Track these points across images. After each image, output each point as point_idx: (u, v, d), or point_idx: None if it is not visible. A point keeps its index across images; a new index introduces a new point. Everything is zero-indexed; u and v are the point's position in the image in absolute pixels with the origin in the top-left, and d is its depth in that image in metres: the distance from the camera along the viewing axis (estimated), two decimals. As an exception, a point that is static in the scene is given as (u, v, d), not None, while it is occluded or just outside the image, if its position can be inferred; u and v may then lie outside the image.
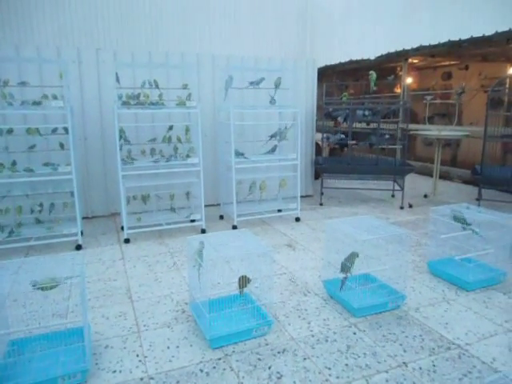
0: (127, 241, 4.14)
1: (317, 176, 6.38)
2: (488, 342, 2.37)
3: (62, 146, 3.98)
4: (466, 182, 7.22)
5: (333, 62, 10.01)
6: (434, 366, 2.16)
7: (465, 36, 6.75)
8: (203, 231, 4.42)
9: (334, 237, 2.91)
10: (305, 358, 2.23)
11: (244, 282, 2.55)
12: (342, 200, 5.97)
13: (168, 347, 2.33)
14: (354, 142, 5.72)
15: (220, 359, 2.22)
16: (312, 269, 3.46)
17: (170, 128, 4.47)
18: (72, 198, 3.99)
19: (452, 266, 3.23)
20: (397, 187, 5.81)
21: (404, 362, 2.19)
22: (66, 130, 3.84)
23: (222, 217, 5.05)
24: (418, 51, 7.91)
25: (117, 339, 2.42)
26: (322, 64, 9.71)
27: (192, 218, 4.52)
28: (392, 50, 8.35)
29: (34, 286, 1.97)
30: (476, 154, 6.63)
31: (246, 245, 2.53)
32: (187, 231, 4.47)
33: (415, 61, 9.27)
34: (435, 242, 3.42)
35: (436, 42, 7.29)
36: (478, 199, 5.28)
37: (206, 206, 4.51)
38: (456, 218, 3.22)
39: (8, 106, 3.71)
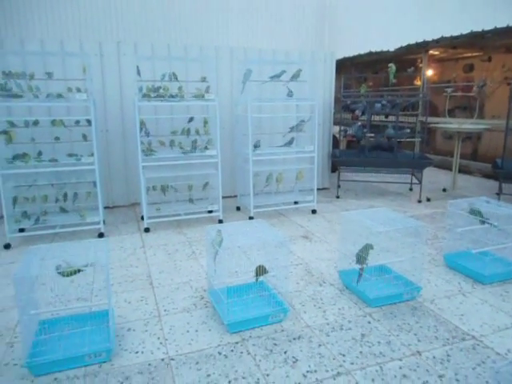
0: (147, 230, 4.26)
1: (334, 169, 6.38)
2: (503, 334, 2.38)
3: (84, 137, 4.10)
4: (486, 176, 7.10)
5: (351, 54, 9.91)
6: (448, 355, 2.19)
7: (488, 27, 6.59)
8: (220, 221, 4.50)
9: (349, 228, 2.95)
10: (320, 345, 2.28)
11: (261, 271, 2.62)
12: (358, 193, 5.97)
13: (187, 331, 2.43)
14: (371, 134, 5.69)
15: (237, 343, 2.30)
16: (328, 260, 3.50)
17: (191, 120, 4.54)
18: (94, 187, 4.13)
19: (469, 260, 3.22)
20: (415, 181, 5.77)
21: (418, 351, 2.22)
22: (88, 121, 3.96)
23: (238, 208, 5.12)
24: (439, 43, 7.76)
25: (139, 322, 2.52)
26: (340, 56, 9.61)
27: (210, 208, 4.61)
28: (412, 41, 8.22)
29: (57, 270, 2.08)
30: (498, 147, 6.49)
31: (263, 235, 2.59)
32: (205, 221, 4.56)
33: (436, 52, 9.10)
34: (452, 235, 3.41)
35: (458, 33, 7.14)
36: (498, 193, 5.20)
37: (223, 197, 4.60)
38: (473, 212, 3.20)
39: (34, 99, 3.85)
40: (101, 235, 4.09)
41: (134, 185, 5.07)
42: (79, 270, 2.16)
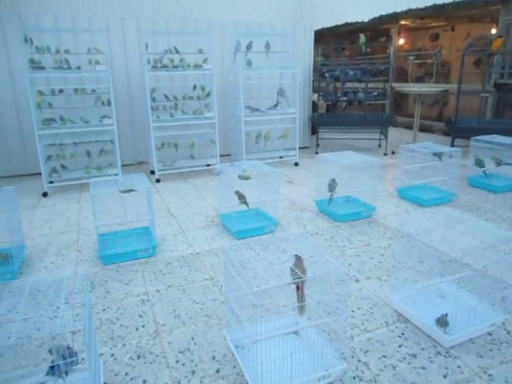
0: (158, 180, 5.11)
1: (313, 131, 7.26)
2: (430, 234, 3.37)
3: (103, 102, 4.85)
4: (445, 134, 8.10)
5: (330, 25, 10.60)
6: (389, 245, 3.17)
7: (448, 0, 7.42)
8: (218, 173, 5.37)
9: (323, 168, 3.86)
10: (301, 243, 3.23)
11: (241, 195, 3.51)
12: (334, 150, 6.82)
13: (206, 239, 3.34)
14: (345, 98, 6.55)
15: (243, 244, 3.22)
16: (307, 196, 4.44)
17: (194, 87, 5.30)
18: (112, 145, 4.92)
19: (415, 190, 4.20)
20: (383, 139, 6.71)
21: (369, 244, 3.20)
22: (94, 90, 4.69)
23: (233, 165, 5.97)
24: (408, 14, 8.55)
25: (169, 235, 3.43)
26: (319, 27, 10.31)
27: (208, 162, 5.47)
28: (384, 12, 8.98)
29: (118, 189, 2.94)
30: (463, 109, 7.35)
31: (256, 166, 3.50)
32: (205, 174, 5.43)
33: (407, 22, 9.87)
34: (404, 174, 4.37)
35: (423, 6, 7.95)
36: (451, 147, 6.19)
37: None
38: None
39: (59, 70, 4.54)
40: (121, 185, 4.91)
41: (140, 146, 5.87)
42: (132, 190, 3.02)
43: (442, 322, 2.07)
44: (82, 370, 1.62)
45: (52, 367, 1.50)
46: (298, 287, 1.86)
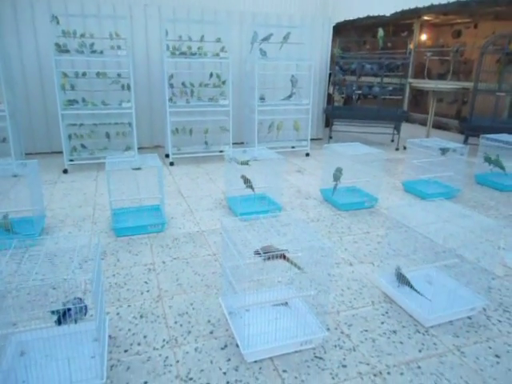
0: (172, 164, 5.31)
1: (327, 124, 7.33)
2: (428, 226, 3.47)
3: (123, 86, 5.05)
4: (461, 132, 8.05)
5: (352, 17, 10.55)
6: (386, 233, 3.29)
7: (471, -4, 7.33)
8: (230, 160, 5.53)
9: (330, 159, 3.99)
10: (302, 228, 3.38)
11: (246, 179, 3.66)
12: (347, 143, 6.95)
13: (212, 219, 3.53)
14: (359, 91, 6.60)
15: (247, 226, 3.39)
16: (314, 185, 4.58)
17: (211, 75, 5.46)
18: (130, 128, 5.13)
19: (420, 184, 4.28)
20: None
21: (367, 232, 3.33)
22: (120, 74, 4.90)
23: (245, 151, 6.13)
24: (430, 9, 8.46)
25: (178, 214, 3.62)
26: (341, 19, 10.29)
27: (221, 149, 5.64)
28: (406, 7, 8.90)
29: (131, 167, 3.15)
30: (482, 108, 7.25)
31: (265, 153, 3.64)
32: (217, 160, 5.61)
33: (429, 18, 9.76)
34: (412, 168, 4.45)
35: (446, 2, 7.87)
36: (464, 144, 6.19)
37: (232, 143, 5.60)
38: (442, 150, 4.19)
39: (83, 54, 4.76)
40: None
41: (157, 130, 6.07)
42: (139, 168, 3.22)
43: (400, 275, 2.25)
44: (89, 320, 1.82)
45: (63, 315, 1.70)
46: (285, 258, 2.04)
